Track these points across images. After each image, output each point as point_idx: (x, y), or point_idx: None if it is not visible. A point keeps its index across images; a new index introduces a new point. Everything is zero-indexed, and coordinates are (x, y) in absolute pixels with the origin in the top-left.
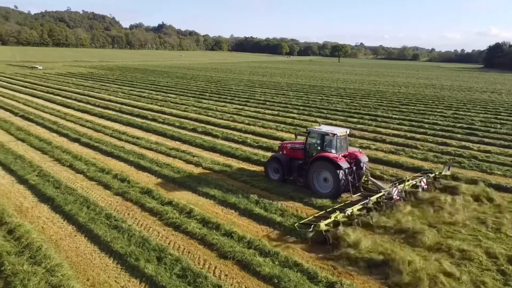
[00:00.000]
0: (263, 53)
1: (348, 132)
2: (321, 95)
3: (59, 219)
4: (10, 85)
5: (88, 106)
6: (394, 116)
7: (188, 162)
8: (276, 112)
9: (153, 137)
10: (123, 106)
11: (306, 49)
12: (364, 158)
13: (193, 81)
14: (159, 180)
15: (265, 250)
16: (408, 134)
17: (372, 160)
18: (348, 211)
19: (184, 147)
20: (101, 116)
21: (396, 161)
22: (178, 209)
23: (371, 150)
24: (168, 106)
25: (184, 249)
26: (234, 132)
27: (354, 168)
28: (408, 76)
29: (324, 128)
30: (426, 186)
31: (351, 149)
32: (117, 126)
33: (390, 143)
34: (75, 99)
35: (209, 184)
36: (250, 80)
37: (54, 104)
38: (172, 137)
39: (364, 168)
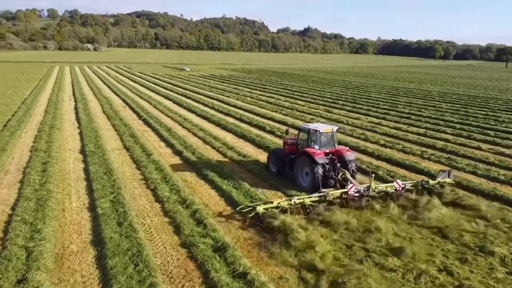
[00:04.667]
0: (413, 57)
1: (335, 130)
2: (485, 109)
3: (93, 281)
4: (154, 85)
5: (211, 111)
6: None
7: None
8: (423, 131)
9: (262, 156)
10: (245, 114)
11: (465, 52)
12: (349, 156)
13: (329, 87)
14: (245, 229)
15: None
16: None
17: None
18: (294, 200)
19: None
20: (218, 124)
21: None
22: None
23: None
24: (292, 115)
25: None
26: (364, 158)
27: (338, 165)
28: None
29: (311, 125)
30: (400, 188)
31: (340, 147)
32: (229, 138)
33: None
34: (202, 103)
35: (311, 245)
36: (394, 87)
37: (180, 107)
38: None
39: (350, 165)
